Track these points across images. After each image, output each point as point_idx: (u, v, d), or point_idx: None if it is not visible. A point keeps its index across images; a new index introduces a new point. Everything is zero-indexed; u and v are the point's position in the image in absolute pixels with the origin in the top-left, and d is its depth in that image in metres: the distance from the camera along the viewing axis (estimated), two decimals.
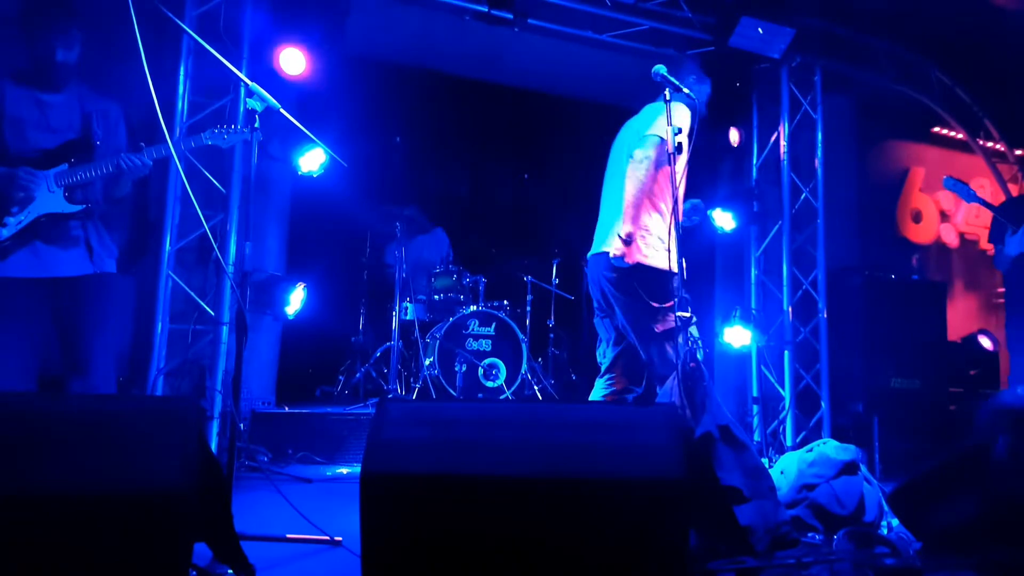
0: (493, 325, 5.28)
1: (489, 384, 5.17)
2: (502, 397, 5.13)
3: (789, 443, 4.99)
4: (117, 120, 2.87)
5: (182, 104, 3.93)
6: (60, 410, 1.78)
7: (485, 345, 5.25)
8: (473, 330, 5.24)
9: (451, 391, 4.99)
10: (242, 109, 3.97)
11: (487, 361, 5.20)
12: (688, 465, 1.65)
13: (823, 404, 5.09)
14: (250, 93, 2.52)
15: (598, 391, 3.11)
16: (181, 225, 3.95)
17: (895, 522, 2.78)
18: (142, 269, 4.09)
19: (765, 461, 3.80)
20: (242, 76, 2.62)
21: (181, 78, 3.94)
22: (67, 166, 2.71)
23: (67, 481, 1.64)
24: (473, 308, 5.30)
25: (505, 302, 5.53)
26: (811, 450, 3.04)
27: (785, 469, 3.00)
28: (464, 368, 5.07)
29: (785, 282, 5.26)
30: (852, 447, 3.00)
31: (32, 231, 2.66)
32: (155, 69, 2.38)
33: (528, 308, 5.77)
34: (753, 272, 5.48)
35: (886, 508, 2.84)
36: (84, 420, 1.73)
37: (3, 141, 2.68)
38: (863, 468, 2.97)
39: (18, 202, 2.65)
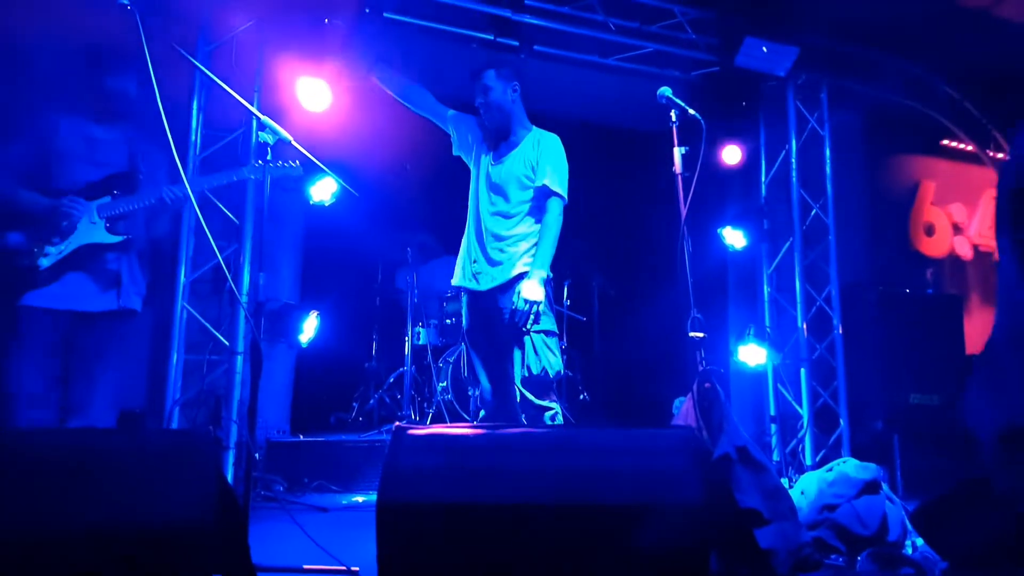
0: None
1: None
2: None
3: (808, 462, 4.92)
4: (161, 163, 2.93)
5: (195, 137, 4.00)
6: (76, 444, 1.79)
7: None
8: None
9: (465, 416, 4.97)
10: (254, 142, 4.03)
11: None
12: (707, 488, 1.63)
13: (842, 422, 5.02)
14: (262, 126, 2.56)
15: None
16: (195, 256, 4.00)
17: (920, 541, 2.73)
18: (157, 301, 4.13)
19: (785, 481, 3.75)
20: (254, 110, 2.66)
21: (194, 112, 4.01)
22: (110, 198, 2.76)
23: (84, 515, 1.64)
24: None
25: None
26: (831, 469, 3.00)
27: (805, 489, 2.96)
28: (478, 392, 5.05)
29: (799, 299, 5.23)
30: (873, 465, 2.96)
31: (69, 262, 2.69)
32: (169, 103, 2.43)
33: None
34: (766, 290, 5.44)
35: (910, 527, 2.79)
36: (101, 454, 1.74)
37: (48, 175, 2.74)
38: (885, 486, 2.92)
39: (60, 232, 2.68)
